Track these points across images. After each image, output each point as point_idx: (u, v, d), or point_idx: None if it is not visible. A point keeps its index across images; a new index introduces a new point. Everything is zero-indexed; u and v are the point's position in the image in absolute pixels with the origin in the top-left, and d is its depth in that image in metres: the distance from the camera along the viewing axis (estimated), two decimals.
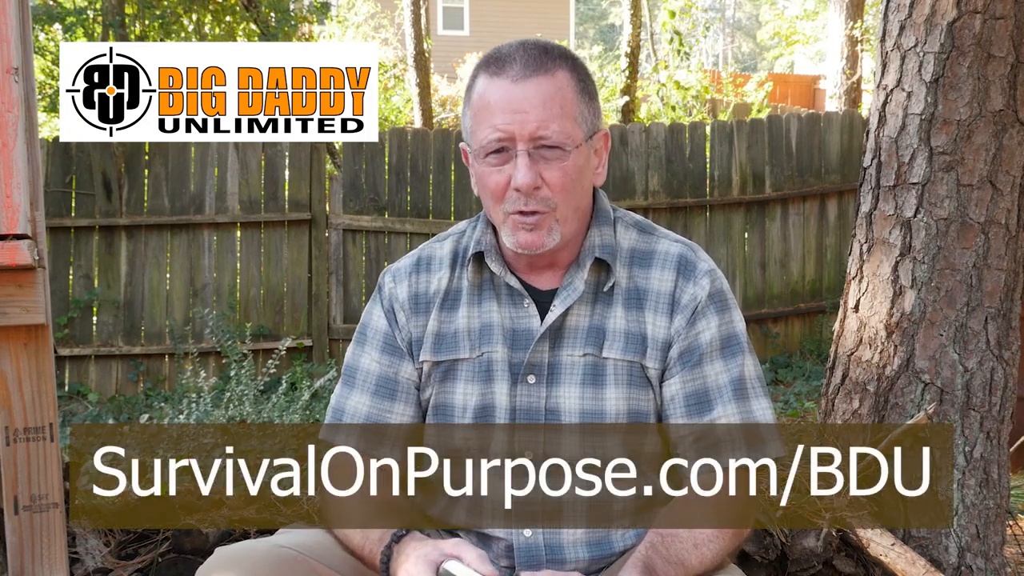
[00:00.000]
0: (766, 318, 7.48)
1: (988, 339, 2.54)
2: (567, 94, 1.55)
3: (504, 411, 1.60)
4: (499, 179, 1.55)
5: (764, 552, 2.29)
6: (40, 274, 1.99)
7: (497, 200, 1.56)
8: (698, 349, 1.59)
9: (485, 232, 1.65)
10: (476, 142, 1.57)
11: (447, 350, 1.64)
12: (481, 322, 1.63)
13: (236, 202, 6.88)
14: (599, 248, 1.62)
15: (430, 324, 1.65)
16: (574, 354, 1.60)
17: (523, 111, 1.52)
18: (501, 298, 1.64)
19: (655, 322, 1.60)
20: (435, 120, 12.80)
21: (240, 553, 1.49)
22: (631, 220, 1.69)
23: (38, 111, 2.20)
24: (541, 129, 1.52)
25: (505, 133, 1.52)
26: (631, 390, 1.59)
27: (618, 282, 1.62)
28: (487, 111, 1.54)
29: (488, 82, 1.55)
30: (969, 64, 2.52)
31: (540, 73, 1.53)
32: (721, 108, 13.33)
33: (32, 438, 2.06)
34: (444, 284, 1.67)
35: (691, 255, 1.63)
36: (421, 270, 1.69)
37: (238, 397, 4.16)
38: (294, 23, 9.35)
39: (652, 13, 14.64)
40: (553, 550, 1.58)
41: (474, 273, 1.65)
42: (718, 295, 1.61)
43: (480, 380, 1.62)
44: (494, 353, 1.61)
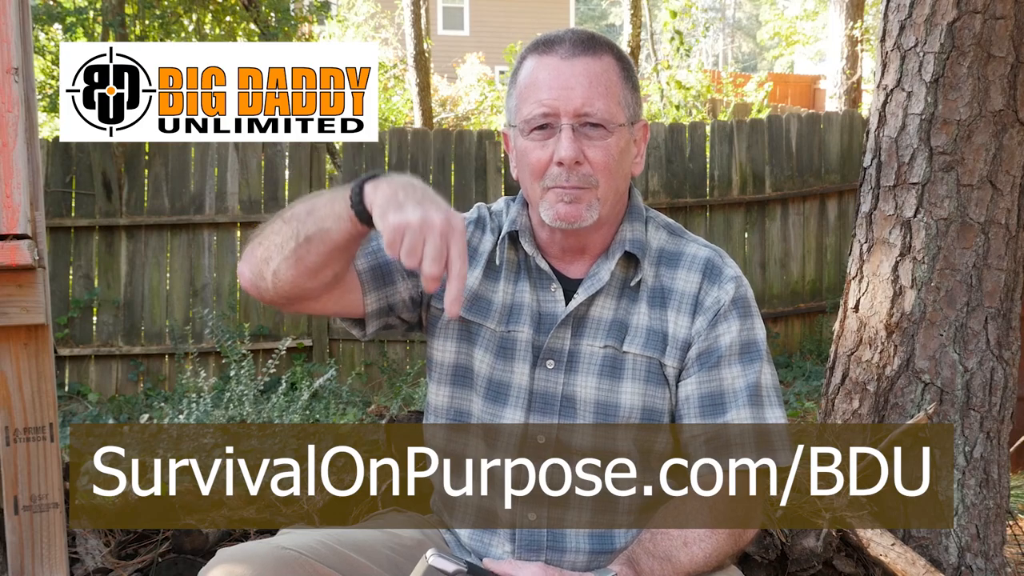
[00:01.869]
0: (766, 318, 7.48)
1: (988, 339, 2.54)
2: (612, 77, 1.57)
3: (523, 391, 1.61)
4: (541, 155, 1.56)
5: (764, 552, 2.29)
6: (40, 274, 1.99)
7: (537, 176, 1.57)
8: (717, 351, 1.59)
9: (521, 213, 1.67)
10: (521, 118, 1.58)
11: (478, 312, 1.65)
12: (514, 300, 1.65)
13: (236, 202, 6.88)
14: (629, 242, 1.63)
15: (470, 279, 1.66)
16: (594, 344, 1.61)
17: (569, 87, 1.54)
18: (533, 280, 1.65)
19: (677, 321, 1.61)
20: (435, 120, 12.80)
21: (242, 554, 1.49)
22: (662, 221, 1.71)
23: (38, 111, 2.20)
24: (586, 106, 1.54)
25: (551, 108, 1.54)
26: (648, 386, 1.60)
27: (645, 279, 1.63)
28: (534, 87, 1.57)
29: (537, 60, 1.58)
30: (969, 64, 2.52)
31: (588, 54, 1.56)
32: (721, 108, 13.32)
33: (32, 438, 2.06)
34: (489, 248, 1.69)
35: (718, 260, 1.65)
36: (478, 227, 1.71)
37: (238, 397, 4.16)
38: (294, 23, 9.36)
39: (652, 13, 14.64)
40: (555, 537, 1.59)
41: (510, 250, 1.67)
42: (741, 301, 1.62)
43: (497, 354, 1.63)
44: (520, 333, 1.63)
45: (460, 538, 1.67)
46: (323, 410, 5.24)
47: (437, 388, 1.68)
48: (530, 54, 1.60)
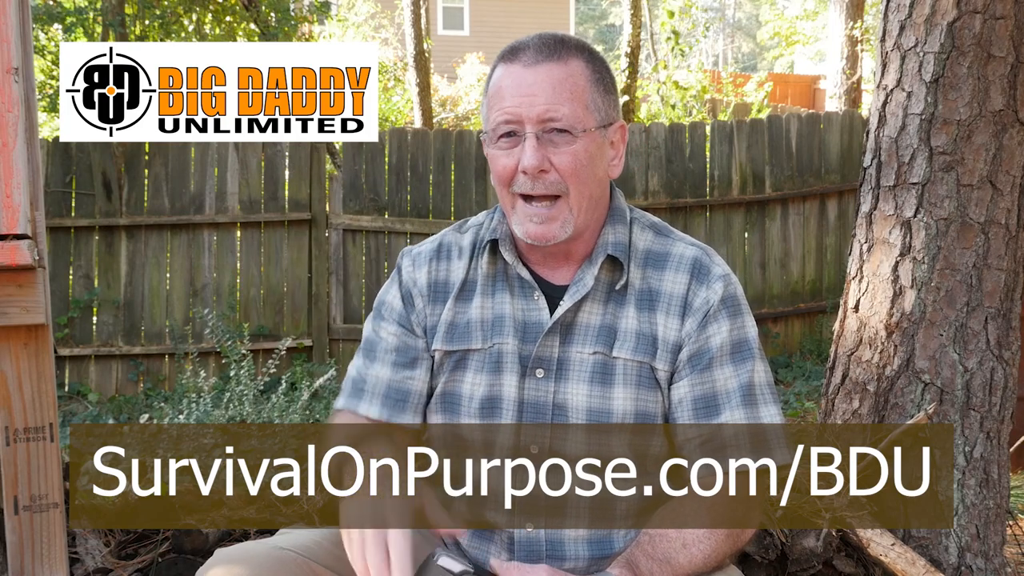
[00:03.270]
0: (766, 318, 7.48)
1: (988, 339, 2.54)
2: (579, 81, 1.56)
3: (512, 403, 1.60)
4: (507, 162, 1.56)
5: (764, 552, 2.29)
6: (40, 274, 1.99)
7: (506, 184, 1.57)
8: (708, 353, 1.58)
9: (502, 222, 1.66)
10: (489, 127, 1.59)
11: (460, 340, 1.65)
12: (494, 313, 1.64)
13: (236, 202, 6.88)
14: (612, 246, 1.62)
15: (445, 313, 1.66)
16: (584, 351, 1.60)
17: (532, 95, 1.53)
18: (514, 289, 1.64)
19: (666, 324, 1.60)
20: (435, 120, 12.80)
21: (240, 554, 1.49)
22: (648, 221, 1.69)
23: (38, 111, 2.20)
24: (549, 112, 1.53)
25: (513, 116, 1.54)
26: (639, 391, 1.59)
27: (632, 282, 1.62)
28: (499, 95, 1.56)
29: (503, 68, 1.58)
30: (969, 64, 2.51)
31: (552, 60, 1.55)
32: (721, 108, 13.33)
33: (32, 438, 2.06)
34: (462, 275, 1.68)
35: (706, 259, 1.63)
36: (442, 258, 1.70)
37: (238, 397, 4.16)
38: (294, 23, 9.35)
39: (652, 13, 14.64)
40: (554, 546, 1.59)
41: (489, 263, 1.66)
42: (731, 300, 1.61)
43: (489, 371, 1.62)
44: (504, 345, 1.62)
45: (459, 544, 1.66)
46: (323, 410, 5.24)
47: (431, 417, 1.68)
48: (499, 62, 1.60)
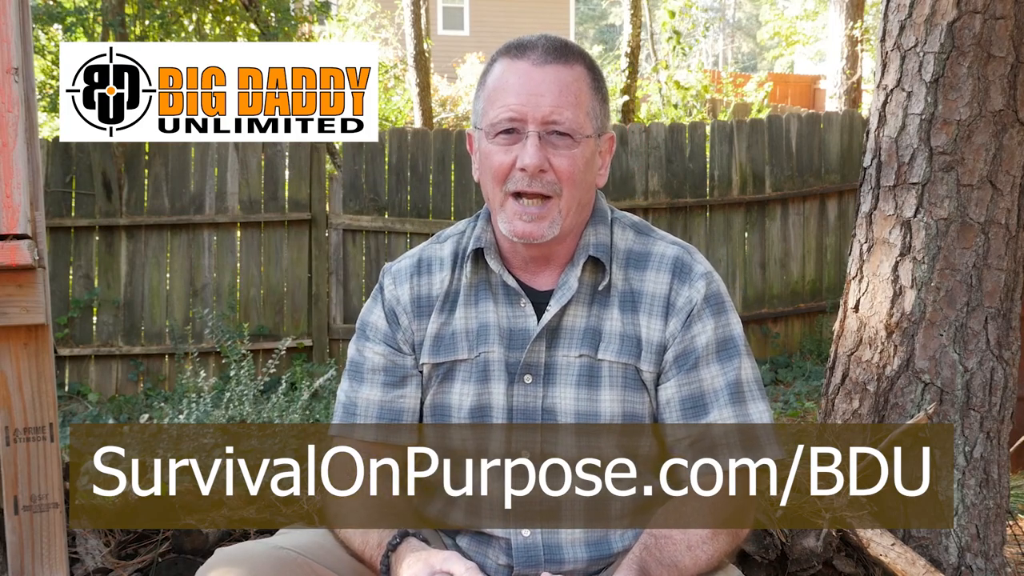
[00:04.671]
0: (766, 318, 7.48)
1: (988, 339, 2.54)
2: (583, 87, 1.56)
3: (501, 411, 1.60)
4: (504, 159, 1.55)
5: (764, 552, 2.29)
6: (40, 274, 1.99)
7: (499, 181, 1.56)
8: (694, 353, 1.58)
9: (486, 229, 1.65)
10: (487, 121, 1.57)
11: (446, 351, 1.64)
12: (479, 322, 1.63)
13: (236, 202, 6.88)
14: (593, 247, 1.62)
15: (430, 327, 1.66)
16: (570, 355, 1.59)
17: (539, 94, 1.53)
18: (498, 297, 1.63)
19: (650, 325, 1.60)
20: (435, 120, 12.80)
21: (240, 554, 1.49)
22: (628, 221, 1.69)
23: (38, 111, 2.20)
24: (555, 114, 1.53)
25: (518, 114, 1.53)
26: (626, 392, 1.59)
27: (614, 284, 1.62)
28: (503, 91, 1.55)
29: (508, 64, 1.57)
30: (969, 64, 2.51)
31: (560, 62, 1.55)
32: (721, 108, 13.33)
33: (32, 438, 2.06)
34: (445, 286, 1.67)
35: (687, 257, 1.63)
36: (422, 272, 1.69)
37: (238, 397, 4.15)
38: (294, 23, 9.35)
39: (652, 13, 14.64)
40: (551, 550, 1.58)
41: (472, 272, 1.65)
42: (714, 298, 1.60)
43: (477, 380, 1.62)
44: (491, 353, 1.61)
45: (458, 546, 1.66)
46: (323, 410, 5.24)
47: (424, 429, 1.67)
48: (501, 57, 1.59)
